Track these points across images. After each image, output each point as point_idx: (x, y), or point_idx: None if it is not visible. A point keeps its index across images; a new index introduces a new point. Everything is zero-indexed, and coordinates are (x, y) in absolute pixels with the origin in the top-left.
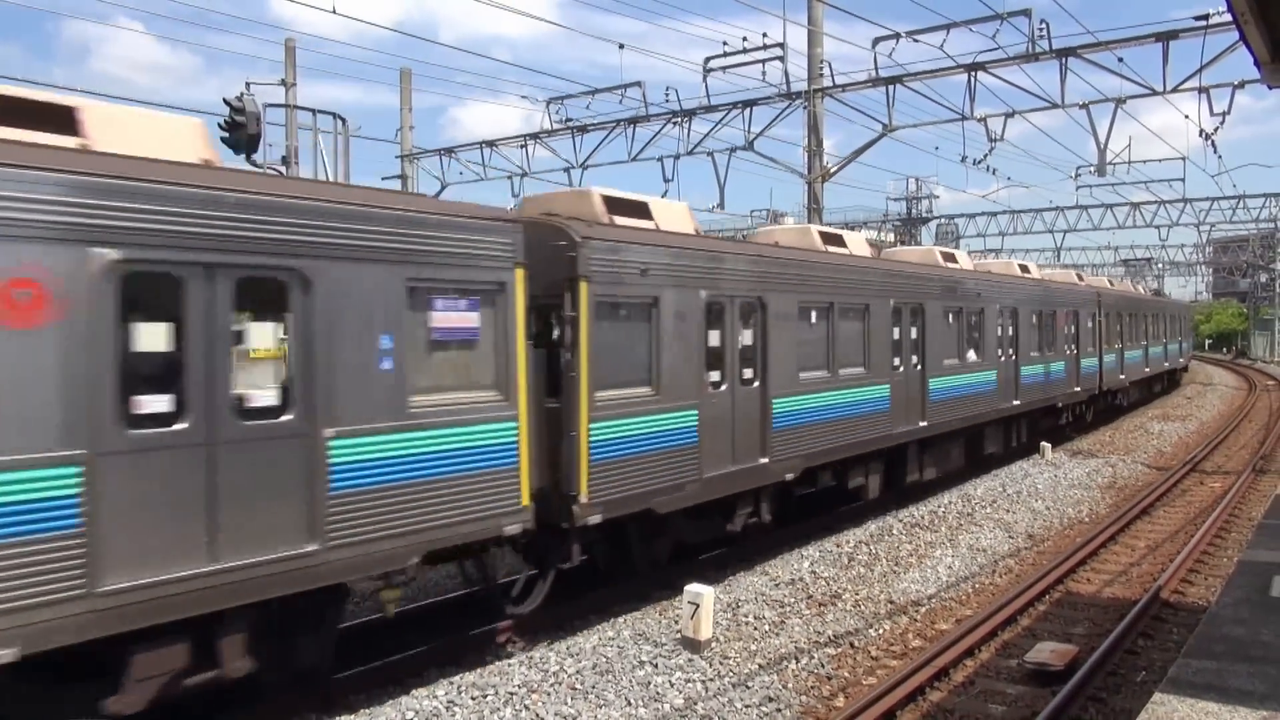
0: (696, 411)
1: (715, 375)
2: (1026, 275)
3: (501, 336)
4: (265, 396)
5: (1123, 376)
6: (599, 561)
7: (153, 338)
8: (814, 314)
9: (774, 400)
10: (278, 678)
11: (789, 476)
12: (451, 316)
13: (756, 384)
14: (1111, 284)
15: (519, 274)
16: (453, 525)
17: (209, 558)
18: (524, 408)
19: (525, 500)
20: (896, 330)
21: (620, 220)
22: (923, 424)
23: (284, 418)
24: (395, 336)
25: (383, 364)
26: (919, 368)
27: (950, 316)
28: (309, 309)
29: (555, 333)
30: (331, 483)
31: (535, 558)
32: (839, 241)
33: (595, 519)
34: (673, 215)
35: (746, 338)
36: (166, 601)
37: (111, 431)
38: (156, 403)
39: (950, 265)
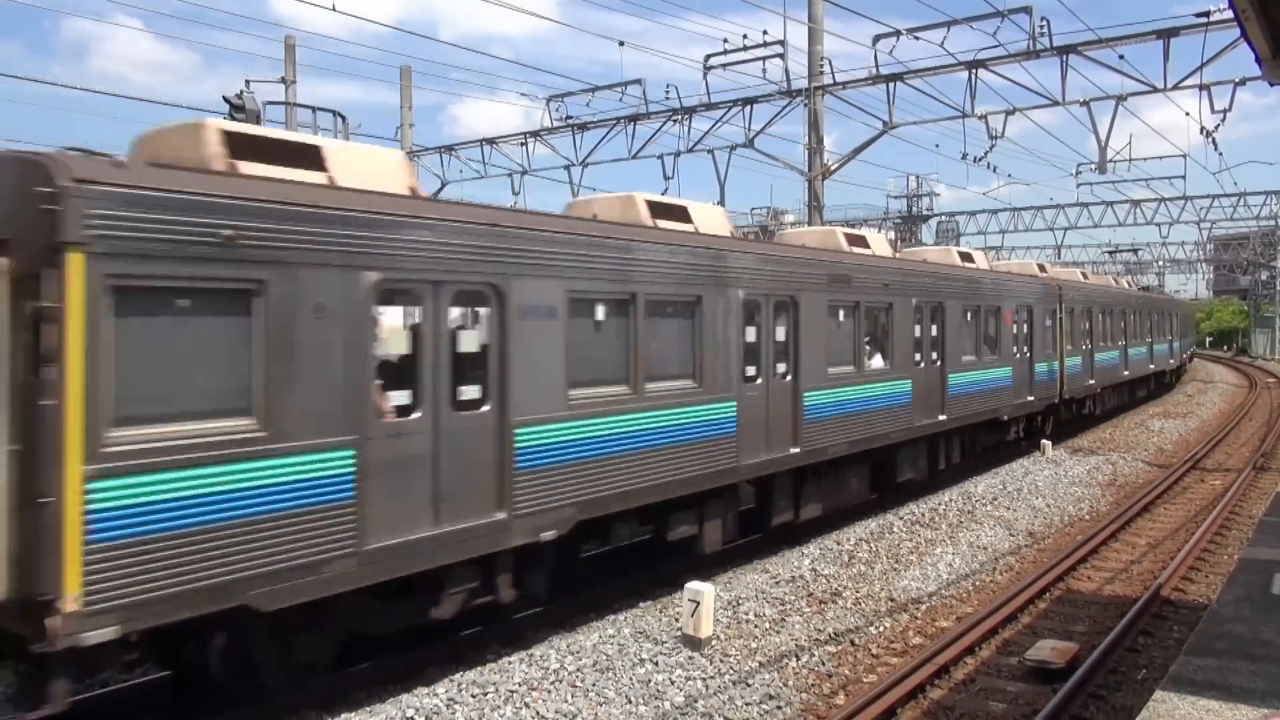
0: (353, 452)
1: (402, 396)
2: (961, 265)
3: None
4: (472, 391)
5: (1091, 382)
6: (213, 668)
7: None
8: (601, 307)
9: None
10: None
11: (546, 536)
12: None
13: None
14: (1086, 277)
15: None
16: None
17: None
18: None
19: None
20: (751, 331)
21: (249, 168)
22: (795, 450)
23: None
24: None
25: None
26: (789, 378)
27: (841, 313)
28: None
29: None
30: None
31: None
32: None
33: (103, 633)
34: (351, 165)
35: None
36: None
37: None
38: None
39: (857, 250)
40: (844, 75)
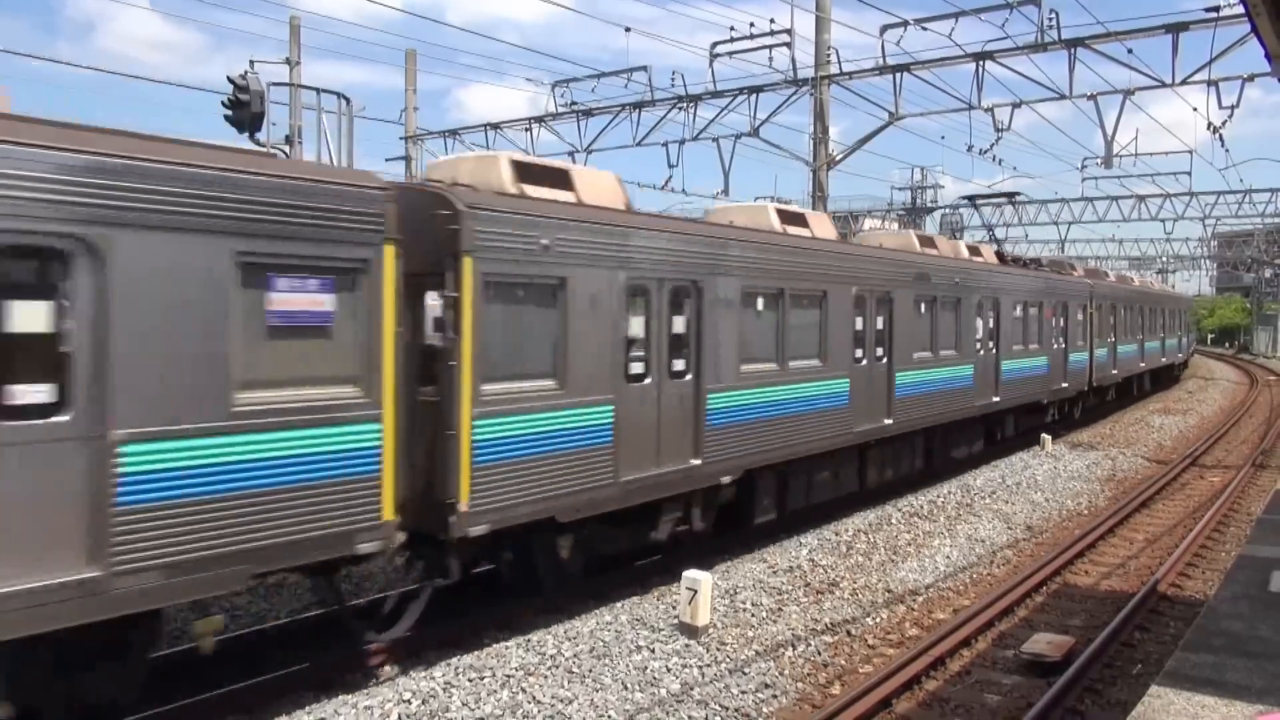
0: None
1: (638, 367)
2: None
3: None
4: (680, 363)
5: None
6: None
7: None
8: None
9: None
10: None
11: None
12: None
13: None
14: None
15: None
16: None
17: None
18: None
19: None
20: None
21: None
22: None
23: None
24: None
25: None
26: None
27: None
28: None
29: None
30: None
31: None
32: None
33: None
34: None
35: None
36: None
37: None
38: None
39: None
40: (851, 65)
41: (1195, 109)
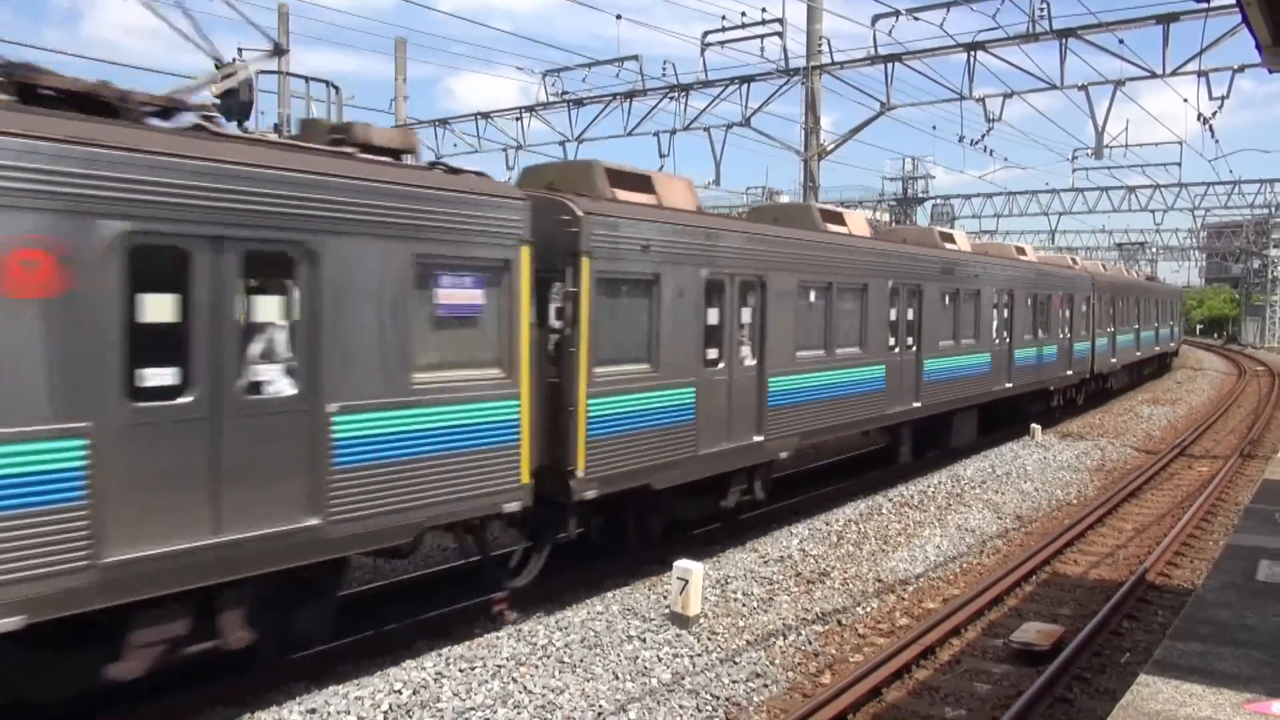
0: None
1: (713, 353)
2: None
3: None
4: (746, 350)
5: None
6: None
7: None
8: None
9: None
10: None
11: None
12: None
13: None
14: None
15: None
16: None
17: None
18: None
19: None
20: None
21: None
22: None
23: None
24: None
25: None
26: (914, 349)
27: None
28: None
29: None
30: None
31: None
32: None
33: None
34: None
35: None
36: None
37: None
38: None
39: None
40: (842, 55)
41: (1186, 100)
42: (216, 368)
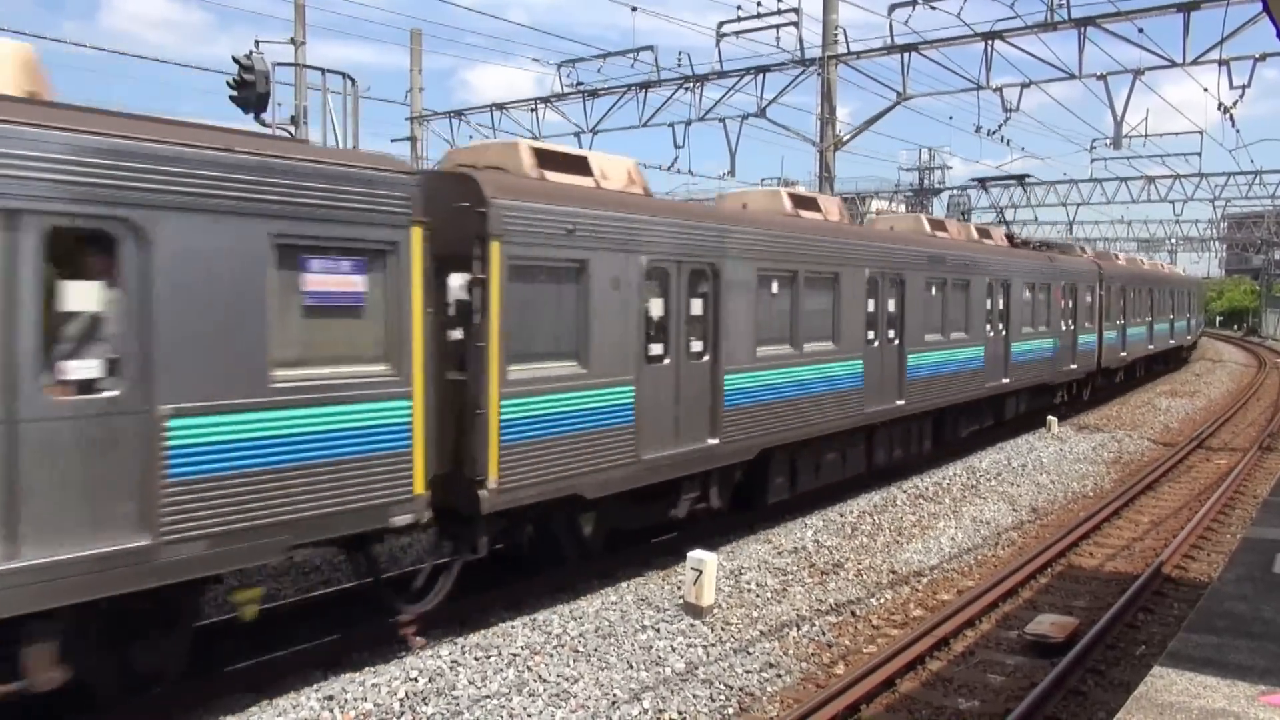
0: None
1: (658, 349)
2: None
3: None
4: (696, 345)
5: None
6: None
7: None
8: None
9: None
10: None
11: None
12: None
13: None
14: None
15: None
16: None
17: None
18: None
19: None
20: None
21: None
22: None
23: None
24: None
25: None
26: (897, 343)
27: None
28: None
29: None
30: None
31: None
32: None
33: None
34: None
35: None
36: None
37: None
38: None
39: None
40: (859, 45)
41: (1206, 89)
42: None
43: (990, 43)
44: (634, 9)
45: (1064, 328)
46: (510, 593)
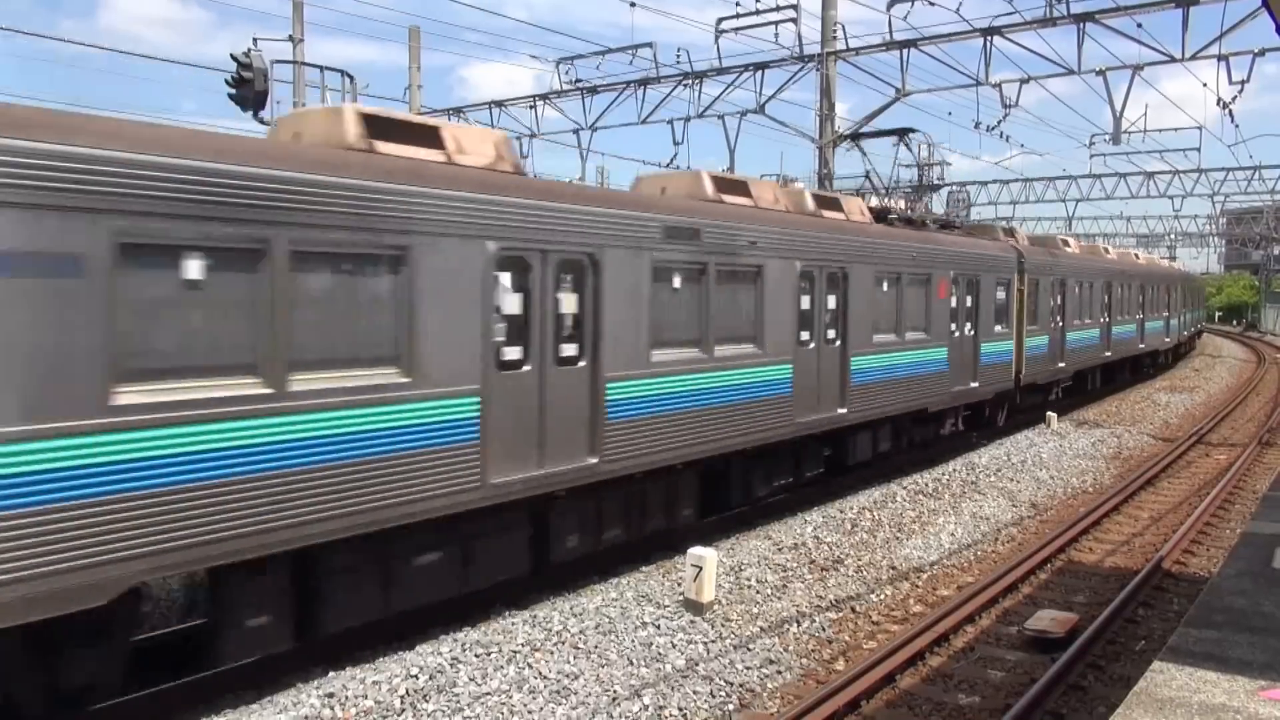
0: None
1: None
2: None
3: None
4: (572, 350)
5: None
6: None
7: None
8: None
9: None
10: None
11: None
12: None
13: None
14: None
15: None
16: None
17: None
18: None
19: None
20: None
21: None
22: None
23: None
24: None
25: None
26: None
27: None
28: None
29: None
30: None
31: None
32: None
33: None
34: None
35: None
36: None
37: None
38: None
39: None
40: (857, 41)
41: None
42: None
43: (989, 38)
44: (633, 4)
45: (955, 333)
46: (510, 590)
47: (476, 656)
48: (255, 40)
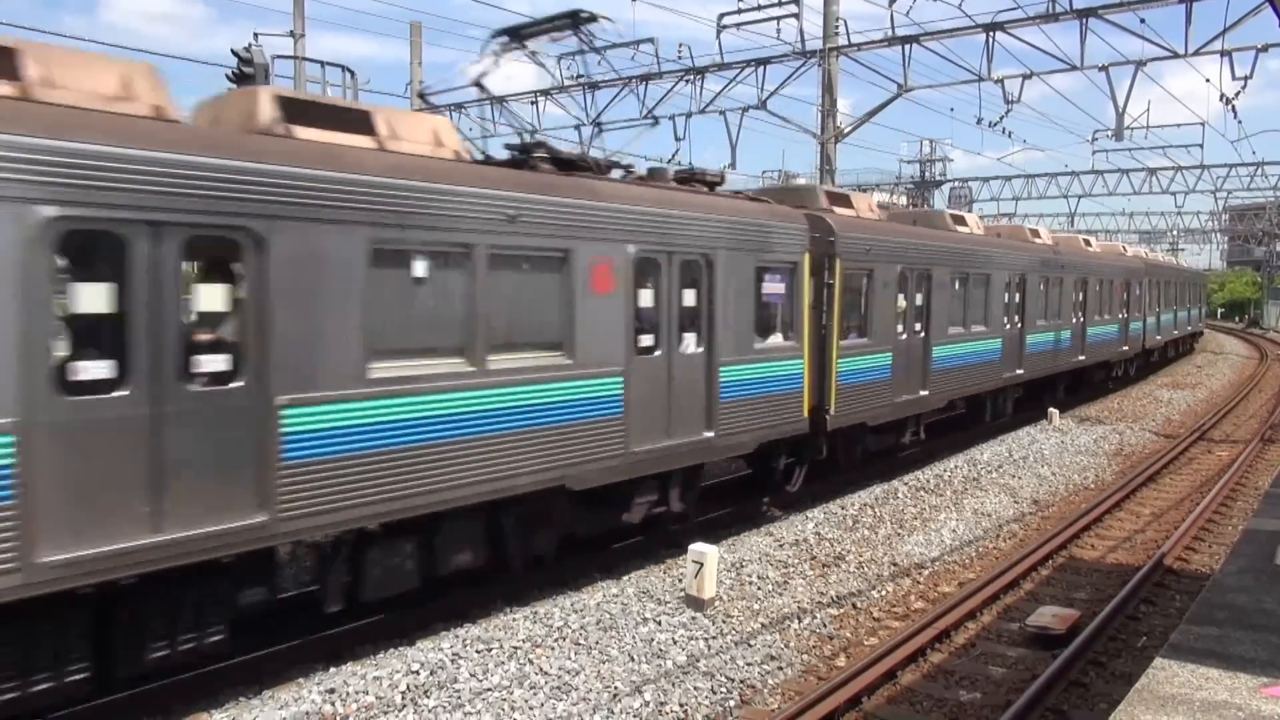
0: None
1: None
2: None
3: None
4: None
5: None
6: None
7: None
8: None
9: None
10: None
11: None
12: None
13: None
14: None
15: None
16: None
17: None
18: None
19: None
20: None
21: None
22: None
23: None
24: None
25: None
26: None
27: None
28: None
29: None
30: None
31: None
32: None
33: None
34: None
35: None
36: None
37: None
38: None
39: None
40: (859, 36)
41: (1208, 80)
42: None
43: (991, 34)
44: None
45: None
46: (511, 585)
47: (477, 652)
48: (256, 36)
